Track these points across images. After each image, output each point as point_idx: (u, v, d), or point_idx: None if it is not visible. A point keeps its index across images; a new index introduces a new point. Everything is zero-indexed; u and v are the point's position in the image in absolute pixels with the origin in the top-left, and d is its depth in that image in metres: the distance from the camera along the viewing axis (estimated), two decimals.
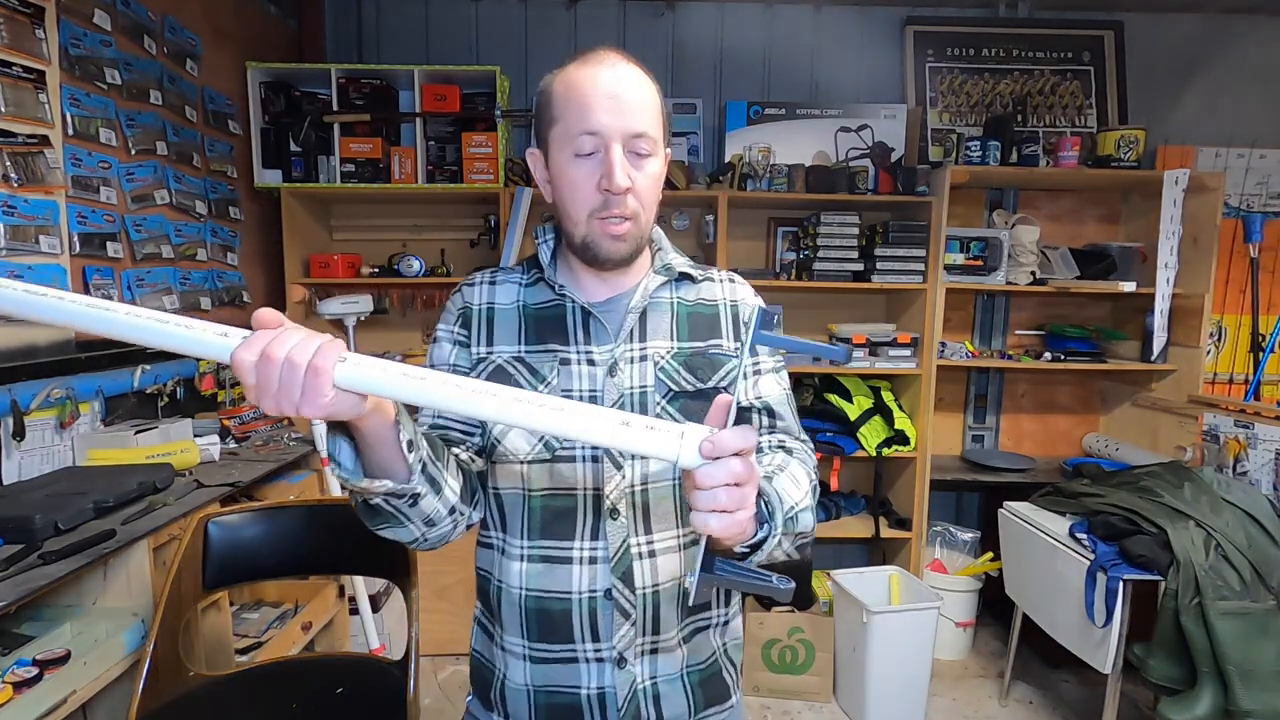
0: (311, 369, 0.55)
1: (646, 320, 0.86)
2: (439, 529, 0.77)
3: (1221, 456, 2.38)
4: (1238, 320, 2.99)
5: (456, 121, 2.66)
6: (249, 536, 1.49)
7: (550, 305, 0.87)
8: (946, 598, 2.53)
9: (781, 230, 2.92)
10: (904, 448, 2.73)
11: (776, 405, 0.89)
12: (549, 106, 0.81)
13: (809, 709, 2.44)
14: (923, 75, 2.97)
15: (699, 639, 0.88)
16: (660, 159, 0.83)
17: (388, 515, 0.72)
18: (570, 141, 0.78)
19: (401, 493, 0.69)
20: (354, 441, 0.66)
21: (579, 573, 0.82)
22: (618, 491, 0.82)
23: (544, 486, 0.83)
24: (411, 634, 1.38)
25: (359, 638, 2.15)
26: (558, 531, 0.83)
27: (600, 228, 0.80)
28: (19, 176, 1.61)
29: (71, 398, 1.73)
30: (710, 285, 0.92)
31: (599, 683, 0.83)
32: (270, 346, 0.55)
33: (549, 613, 0.83)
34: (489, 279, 0.90)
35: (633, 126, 0.77)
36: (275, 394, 0.55)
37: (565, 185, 0.80)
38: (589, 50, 0.81)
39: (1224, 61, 2.97)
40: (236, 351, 0.55)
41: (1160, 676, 1.84)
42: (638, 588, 0.82)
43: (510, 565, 0.84)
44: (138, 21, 2.03)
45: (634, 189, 0.79)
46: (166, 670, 1.33)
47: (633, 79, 0.79)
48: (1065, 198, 2.99)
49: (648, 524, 0.83)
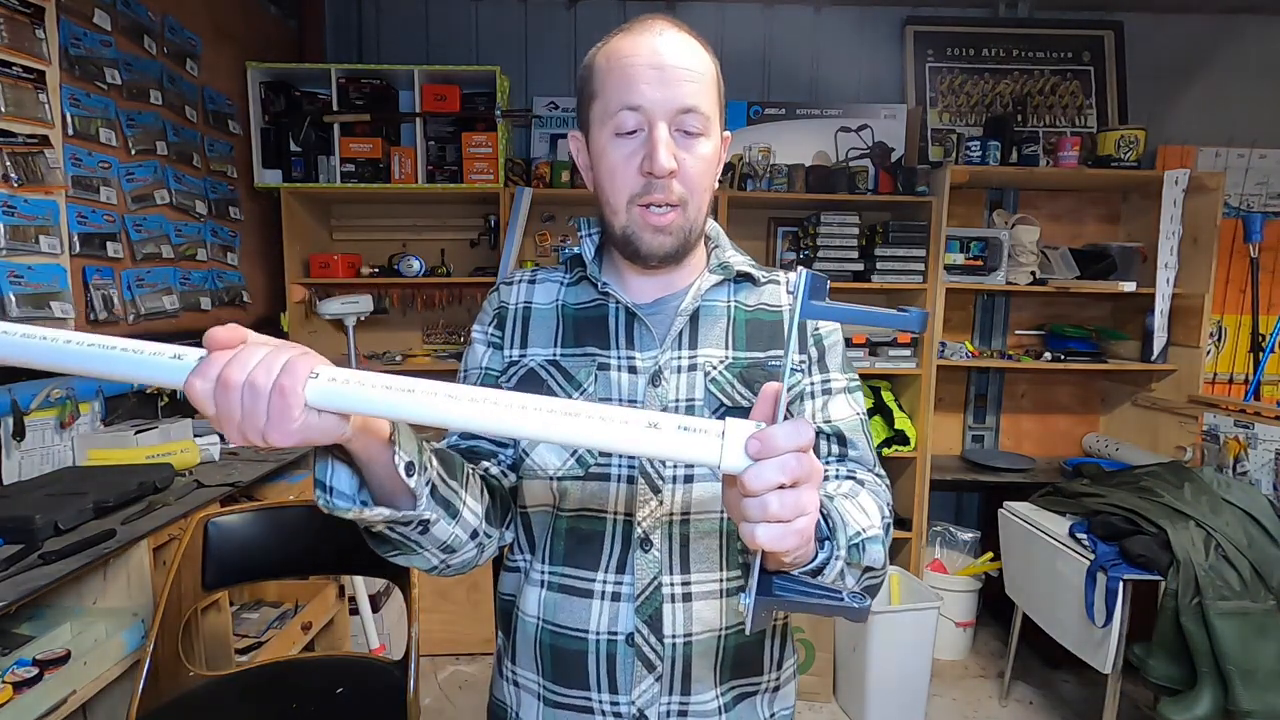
0: (277, 390, 0.46)
1: (698, 325, 0.76)
2: (461, 555, 0.68)
3: (1221, 456, 2.38)
4: (1238, 320, 2.99)
5: (456, 121, 2.66)
6: (249, 536, 1.49)
7: (592, 305, 0.78)
8: (946, 598, 2.53)
9: (781, 230, 2.92)
10: (904, 448, 2.73)
11: (849, 432, 0.77)
12: (590, 81, 0.72)
13: (809, 709, 2.43)
14: (923, 75, 2.97)
15: (745, 706, 0.76)
16: (714, 140, 0.72)
17: (397, 543, 0.64)
18: (611, 118, 0.69)
19: (406, 520, 0.60)
20: (350, 464, 0.57)
21: (598, 609, 0.72)
22: (652, 519, 0.72)
23: (572, 508, 0.74)
24: (411, 634, 1.37)
25: (359, 638, 2.15)
26: (580, 559, 0.73)
27: (642, 217, 0.70)
28: (19, 176, 1.61)
29: (71, 398, 1.73)
30: (775, 289, 0.81)
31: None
32: (227, 370, 0.46)
33: (563, 651, 0.73)
34: (529, 277, 0.82)
35: (681, 101, 0.68)
36: (239, 423, 0.46)
37: (605, 168, 0.71)
38: (638, 19, 0.72)
39: (1224, 61, 2.97)
40: (190, 380, 0.46)
41: (1160, 676, 1.84)
42: (666, 636, 0.71)
43: (529, 592, 0.76)
44: (138, 21, 2.03)
45: (681, 172, 0.69)
46: (166, 670, 1.33)
47: (683, 47, 0.70)
48: (1065, 198, 2.99)
49: (685, 562, 0.72)
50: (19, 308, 1.59)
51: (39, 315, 1.65)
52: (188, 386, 0.47)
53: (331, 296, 2.58)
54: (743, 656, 0.75)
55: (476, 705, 2.38)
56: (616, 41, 0.71)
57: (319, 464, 0.56)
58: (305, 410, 0.47)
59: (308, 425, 0.48)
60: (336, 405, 0.49)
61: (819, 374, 0.78)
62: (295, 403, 0.46)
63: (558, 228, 2.99)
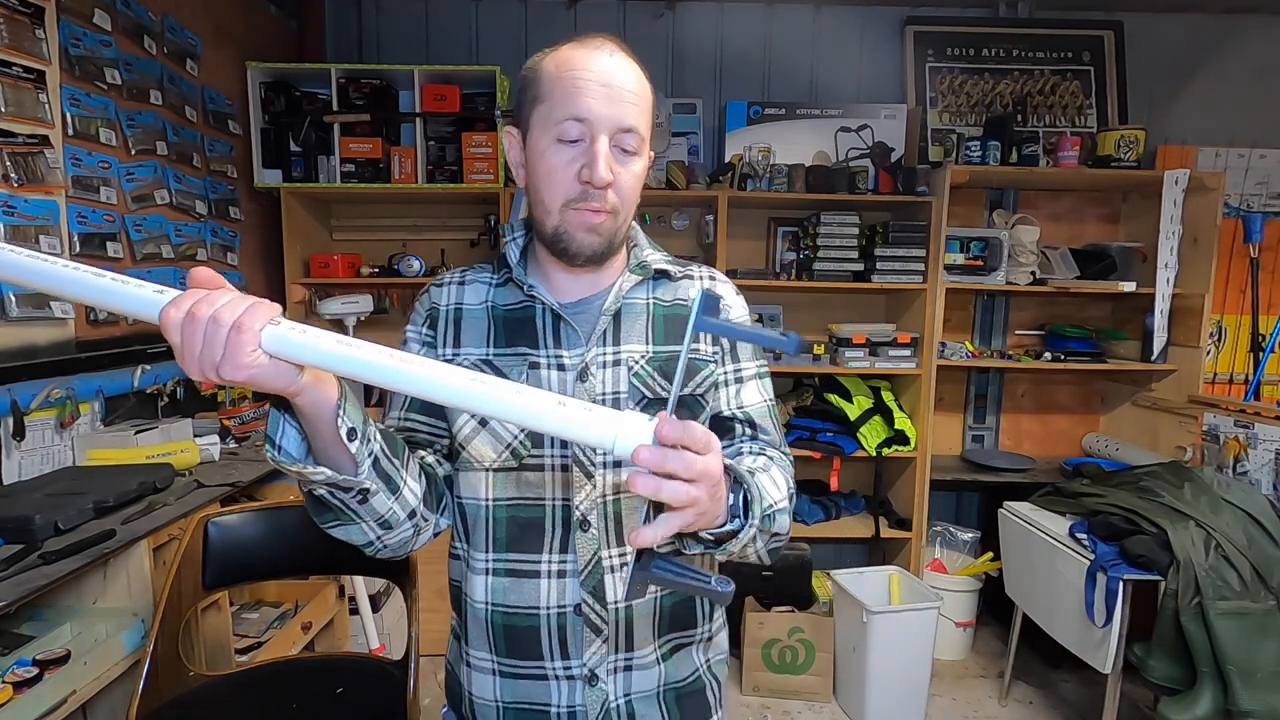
0: (236, 326, 0.51)
1: (620, 322, 0.82)
2: (397, 534, 0.73)
3: (1221, 456, 2.38)
4: (1238, 320, 3.00)
5: (456, 121, 2.66)
6: (249, 536, 1.49)
7: (520, 306, 0.83)
8: (946, 598, 2.53)
9: (781, 230, 2.92)
10: (904, 448, 2.73)
11: (759, 417, 0.85)
12: (535, 84, 0.76)
13: (809, 709, 2.44)
14: (923, 75, 2.97)
15: (680, 656, 0.85)
16: (644, 159, 0.79)
17: (336, 510, 0.68)
18: (554, 125, 0.73)
19: (346, 485, 0.65)
20: (300, 427, 0.62)
21: (547, 587, 0.78)
22: (588, 502, 0.78)
23: (510, 496, 0.79)
24: (411, 634, 1.38)
25: (359, 638, 2.15)
26: (525, 544, 0.79)
27: (575, 217, 0.75)
28: (19, 176, 1.61)
29: (71, 398, 1.73)
30: (689, 284, 0.87)
31: (569, 701, 0.79)
32: (197, 305, 0.52)
33: (516, 629, 0.79)
34: (458, 279, 0.86)
35: (623, 120, 0.73)
36: (198, 355, 0.52)
37: (543, 170, 0.75)
38: (587, 35, 0.77)
39: (1224, 61, 2.97)
40: (165, 310, 0.53)
41: (1160, 676, 1.84)
42: (609, 603, 0.78)
43: (475, 580, 0.81)
44: (138, 21, 2.03)
45: (616, 185, 0.75)
46: (166, 670, 1.33)
47: (630, 72, 0.75)
48: (1065, 198, 2.99)
49: (620, 536, 0.79)
50: (19, 307, 1.59)
51: (39, 315, 1.65)
52: (162, 315, 0.53)
53: (331, 296, 2.58)
54: (678, 613, 0.83)
55: None
56: (568, 52, 0.75)
57: (271, 420, 0.61)
58: (259, 352, 0.53)
59: (260, 367, 0.53)
60: (288, 353, 0.54)
61: (731, 364, 0.85)
62: (250, 340, 0.52)
63: None
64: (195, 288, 0.54)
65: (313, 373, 0.58)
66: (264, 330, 0.53)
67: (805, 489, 2.95)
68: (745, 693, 2.49)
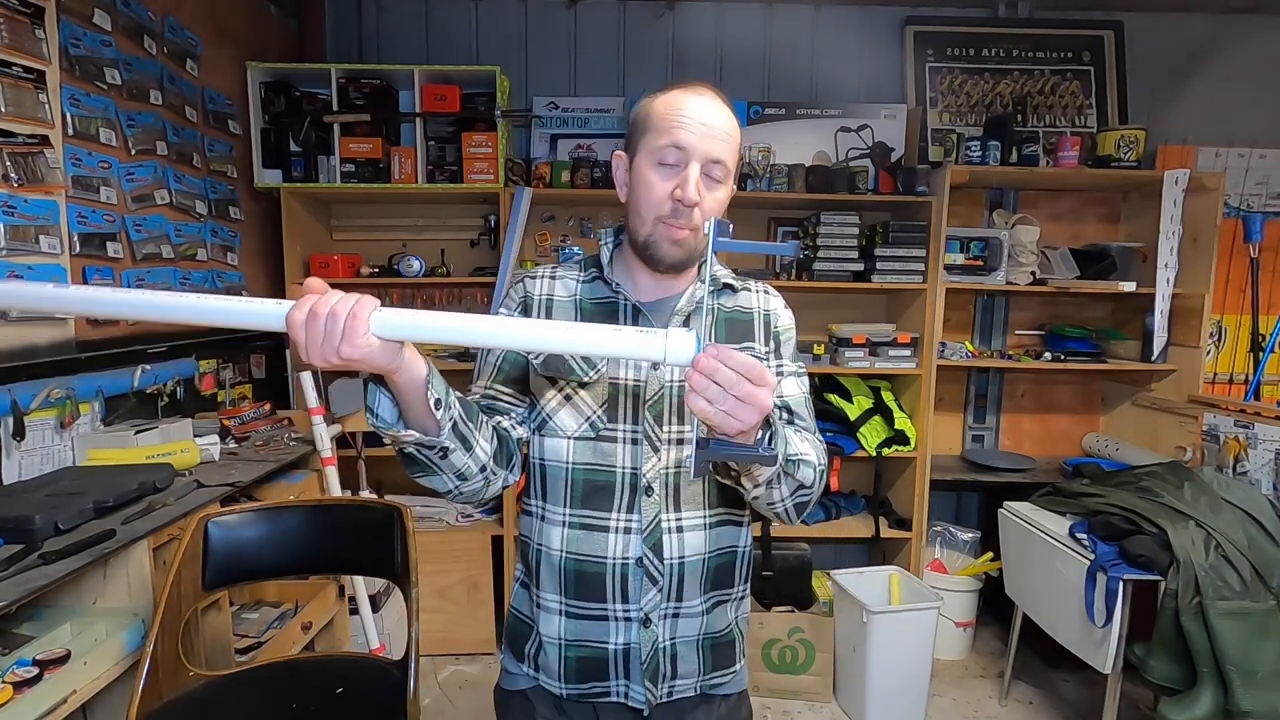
0: (351, 315, 0.64)
1: (690, 322, 0.95)
2: (471, 484, 0.86)
3: (1221, 456, 2.38)
4: (1238, 320, 3.00)
5: (456, 121, 2.66)
6: (249, 536, 1.49)
7: (605, 300, 0.96)
8: (946, 598, 2.53)
9: (781, 230, 2.92)
10: (904, 448, 2.73)
11: (795, 405, 0.97)
12: (646, 118, 0.90)
13: (809, 709, 2.44)
14: (923, 75, 2.97)
15: (718, 610, 0.98)
16: (728, 188, 0.91)
17: (422, 464, 0.82)
18: (656, 151, 0.88)
19: (431, 444, 0.79)
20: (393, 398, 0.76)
21: (614, 541, 0.92)
22: (654, 472, 0.91)
23: (587, 461, 0.93)
24: (411, 634, 1.37)
25: (359, 638, 2.15)
26: (597, 503, 0.92)
27: (665, 231, 0.88)
28: (19, 176, 1.61)
29: (71, 398, 1.73)
30: (747, 295, 1.02)
31: (625, 639, 0.93)
32: (317, 304, 0.65)
33: (585, 574, 0.92)
34: (550, 274, 1.00)
35: (714, 153, 0.87)
36: (322, 344, 0.64)
37: (642, 187, 0.89)
38: (693, 81, 0.91)
39: (1224, 61, 2.97)
40: (290, 313, 0.65)
41: (1160, 676, 1.84)
42: (666, 558, 0.92)
43: (551, 530, 0.94)
44: (138, 21, 2.03)
45: (701, 206, 0.87)
46: (166, 670, 1.33)
47: (723, 114, 0.89)
48: (1065, 198, 2.99)
49: (678, 503, 0.93)
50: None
51: (38, 315, 1.65)
52: (289, 318, 0.65)
53: None
54: (720, 574, 0.97)
55: (477, 705, 2.38)
56: (675, 94, 0.89)
57: (369, 393, 0.76)
58: (370, 334, 0.66)
59: (371, 346, 0.66)
60: (392, 332, 0.67)
61: (775, 360, 1.00)
62: (363, 325, 0.65)
63: (558, 228, 3.00)
64: (310, 294, 0.66)
65: (410, 351, 0.72)
66: (372, 316, 0.66)
67: None
68: None
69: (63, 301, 0.72)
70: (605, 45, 2.98)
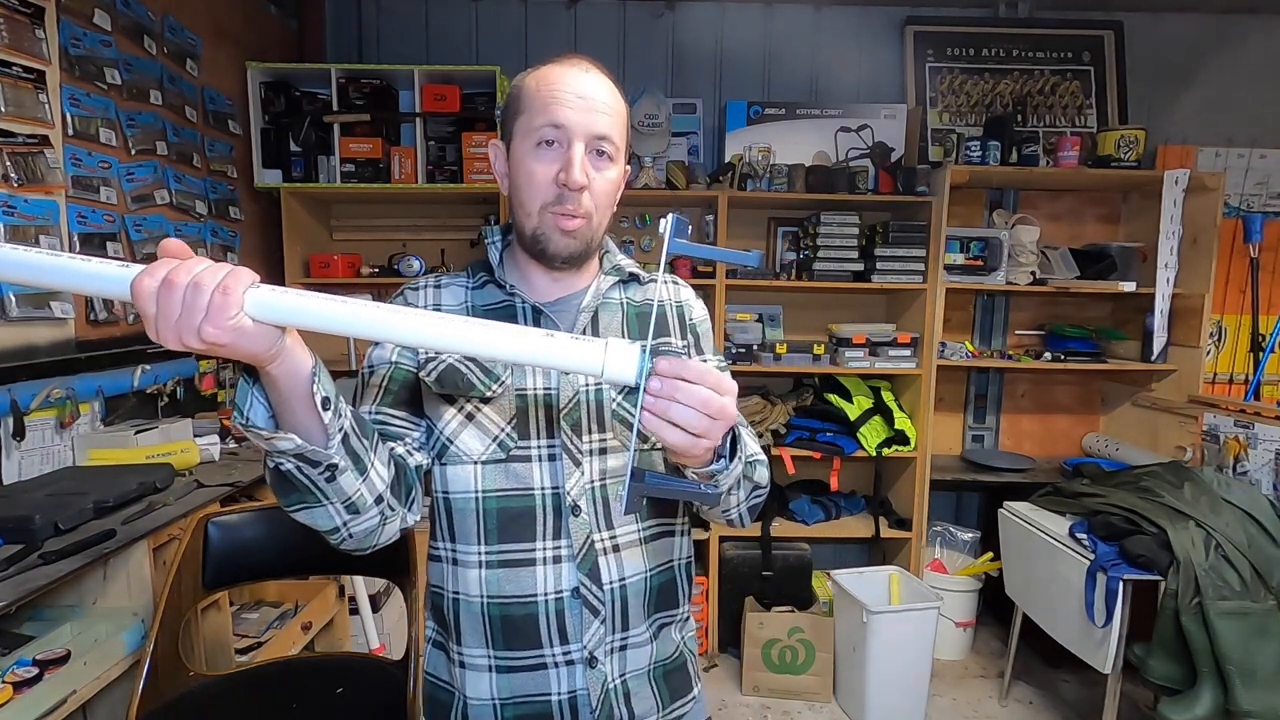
0: (220, 288, 0.52)
1: (599, 319, 0.87)
2: (364, 520, 0.72)
3: (1221, 456, 2.38)
4: (1238, 320, 3.00)
5: (456, 121, 2.66)
6: (249, 536, 1.49)
7: (500, 305, 0.86)
8: (946, 598, 2.53)
9: (781, 230, 2.92)
10: (904, 448, 2.73)
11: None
12: (518, 99, 0.82)
13: (809, 709, 2.44)
14: (923, 75, 2.97)
15: (664, 635, 0.89)
16: (619, 168, 0.83)
17: (303, 489, 0.67)
18: (533, 132, 0.78)
19: (315, 459, 0.64)
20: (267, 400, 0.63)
21: (543, 574, 0.81)
22: (578, 488, 0.81)
23: (499, 488, 0.81)
24: (411, 634, 1.37)
25: (359, 638, 2.15)
26: (517, 534, 0.81)
27: (552, 220, 0.79)
28: (19, 176, 1.61)
29: (71, 398, 1.73)
30: (653, 286, 0.93)
31: (570, 686, 0.82)
32: (173, 272, 0.52)
33: (513, 619, 0.81)
34: (434, 283, 0.89)
35: (597, 127, 0.78)
36: (177, 321, 0.52)
37: (522, 175, 0.80)
38: (566, 55, 0.82)
39: (1224, 61, 2.97)
40: (137, 279, 0.52)
41: (1160, 676, 1.84)
42: (605, 583, 0.82)
43: (467, 574, 0.82)
44: (138, 21, 2.03)
45: (590, 189, 0.79)
46: (166, 670, 1.33)
47: (603, 86, 0.80)
48: (1065, 198, 2.99)
49: (609, 520, 0.83)
50: (19, 307, 1.59)
51: (39, 315, 1.65)
52: (135, 285, 0.52)
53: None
54: (663, 594, 0.88)
55: None
56: (547, 70, 0.81)
57: (240, 389, 0.62)
58: (242, 314, 0.53)
59: (242, 329, 0.54)
60: (272, 315, 0.54)
61: (697, 355, 0.93)
62: (234, 301, 0.52)
63: None
64: (166, 257, 0.54)
65: (292, 338, 0.59)
66: (246, 293, 0.54)
67: (805, 489, 2.95)
68: (745, 693, 2.49)
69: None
70: (605, 45, 2.98)
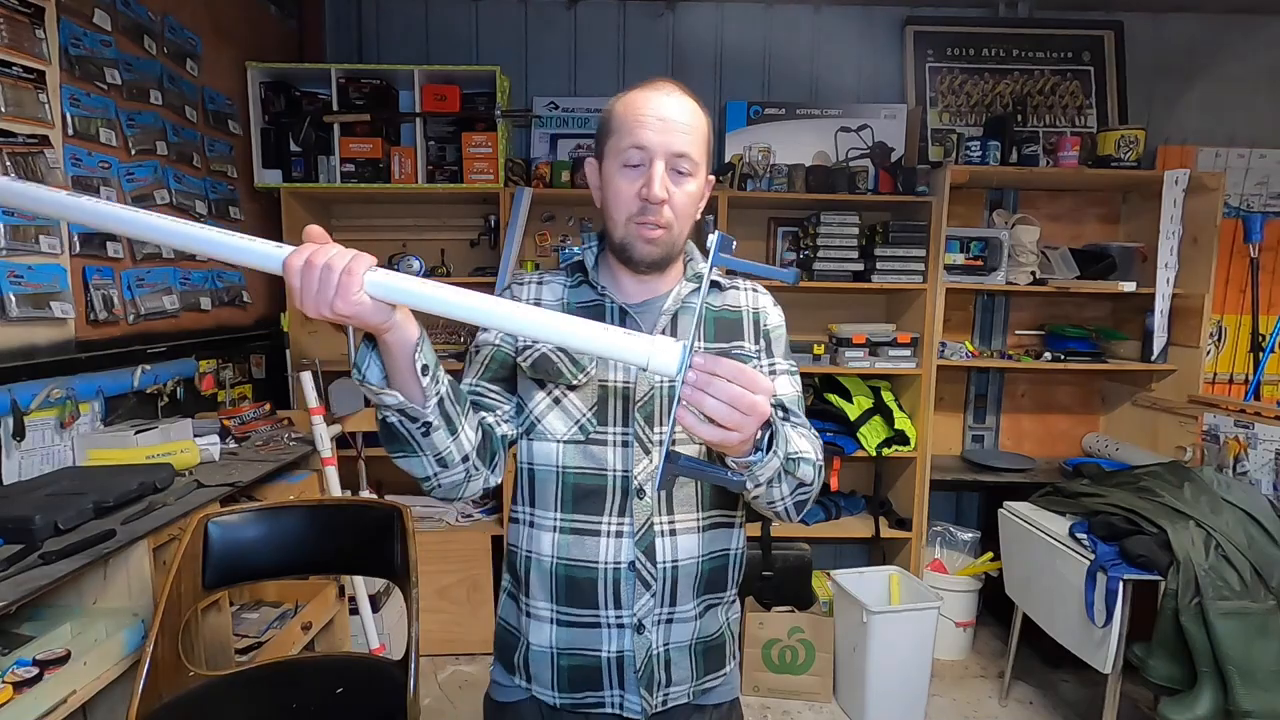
0: (345, 271, 0.64)
1: (678, 322, 0.95)
2: (451, 473, 0.84)
3: (1221, 456, 2.38)
4: (1238, 320, 2.99)
5: (456, 121, 2.66)
6: (249, 536, 1.49)
7: (591, 304, 0.96)
8: (946, 598, 2.53)
9: (781, 230, 2.92)
10: (904, 448, 2.73)
11: (789, 403, 0.96)
12: (609, 122, 0.91)
13: (809, 709, 2.44)
14: (923, 75, 2.97)
15: (710, 614, 0.97)
16: (699, 181, 0.91)
17: (402, 440, 0.79)
18: (621, 153, 0.88)
19: (414, 415, 0.76)
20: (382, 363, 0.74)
21: (606, 545, 0.90)
22: (645, 474, 0.91)
23: (577, 465, 0.91)
24: (411, 634, 1.37)
25: (359, 638, 2.15)
26: (588, 507, 0.91)
27: (636, 231, 0.89)
28: (19, 176, 1.61)
29: (71, 398, 1.73)
30: (735, 293, 1.01)
31: (619, 647, 0.91)
32: (314, 254, 0.64)
33: (576, 580, 0.91)
34: (537, 279, 1.00)
35: (676, 146, 0.86)
36: (314, 294, 0.64)
37: (611, 191, 0.90)
38: (651, 79, 0.92)
39: (1224, 61, 2.97)
40: (289, 258, 0.65)
41: (1160, 676, 1.84)
42: (659, 562, 0.91)
43: (541, 536, 0.93)
44: (138, 21, 2.03)
45: (671, 202, 0.87)
46: (166, 670, 1.33)
47: (683, 106, 0.89)
48: (1065, 198, 2.99)
49: (671, 506, 0.92)
50: (19, 307, 1.59)
51: (39, 315, 1.65)
52: (287, 262, 0.65)
53: None
54: (713, 578, 0.96)
55: (477, 705, 2.37)
56: (633, 95, 0.90)
57: (360, 352, 0.74)
58: (363, 292, 0.65)
59: (363, 304, 0.65)
60: (385, 294, 0.66)
61: (766, 359, 0.99)
62: (356, 283, 0.64)
63: (558, 228, 3.00)
64: (309, 242, 0.66)
65: (402, 313, 0.70)
66: (366, 275, 0.65)
67: None
68: (745, 693, 2.49)
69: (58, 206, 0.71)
70: (605, 45, 2.98)
